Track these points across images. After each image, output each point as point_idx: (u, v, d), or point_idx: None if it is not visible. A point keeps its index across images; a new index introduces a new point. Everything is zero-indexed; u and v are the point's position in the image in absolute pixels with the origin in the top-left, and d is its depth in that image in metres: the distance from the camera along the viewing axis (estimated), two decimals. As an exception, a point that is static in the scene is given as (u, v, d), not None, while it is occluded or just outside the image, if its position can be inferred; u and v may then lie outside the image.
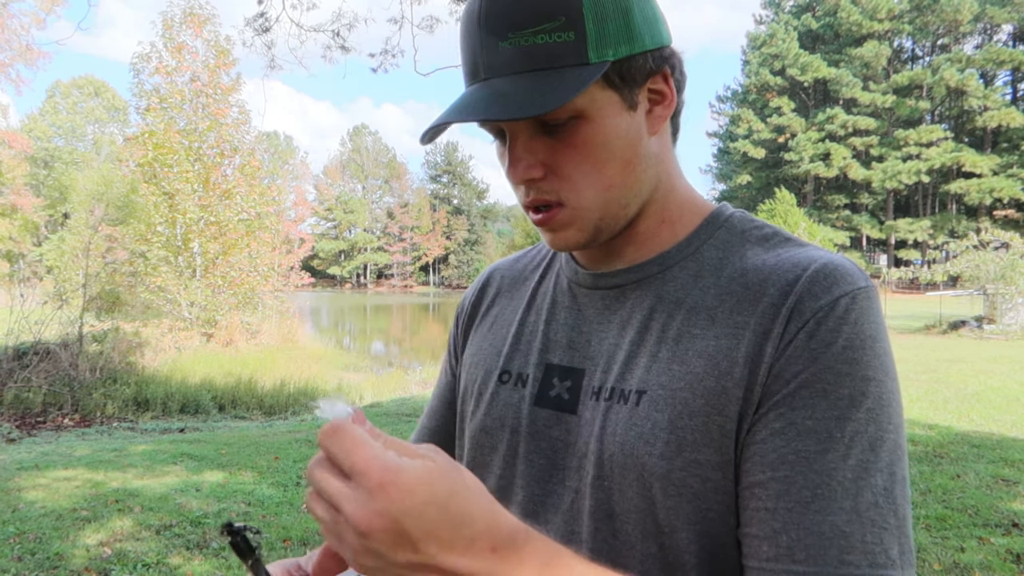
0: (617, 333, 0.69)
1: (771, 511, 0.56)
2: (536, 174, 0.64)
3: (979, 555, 3.66)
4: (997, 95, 49.41)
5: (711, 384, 0.60)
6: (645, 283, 0.69)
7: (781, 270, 0.62)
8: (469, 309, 0.87)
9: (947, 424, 7.15)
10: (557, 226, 0.66)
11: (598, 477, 0.64)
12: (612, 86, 0.63)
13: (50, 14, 20.78)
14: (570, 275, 0.76)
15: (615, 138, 0.64)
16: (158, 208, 14.52)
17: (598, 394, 0.67)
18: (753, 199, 53.73)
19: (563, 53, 0.60)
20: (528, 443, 0.70)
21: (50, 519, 4.20)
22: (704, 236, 0.70)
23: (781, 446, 0.57)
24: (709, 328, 0.63)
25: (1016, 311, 18.08)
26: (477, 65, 0.63)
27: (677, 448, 0.60)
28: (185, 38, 15.80)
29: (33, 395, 8.75)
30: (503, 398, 0.74)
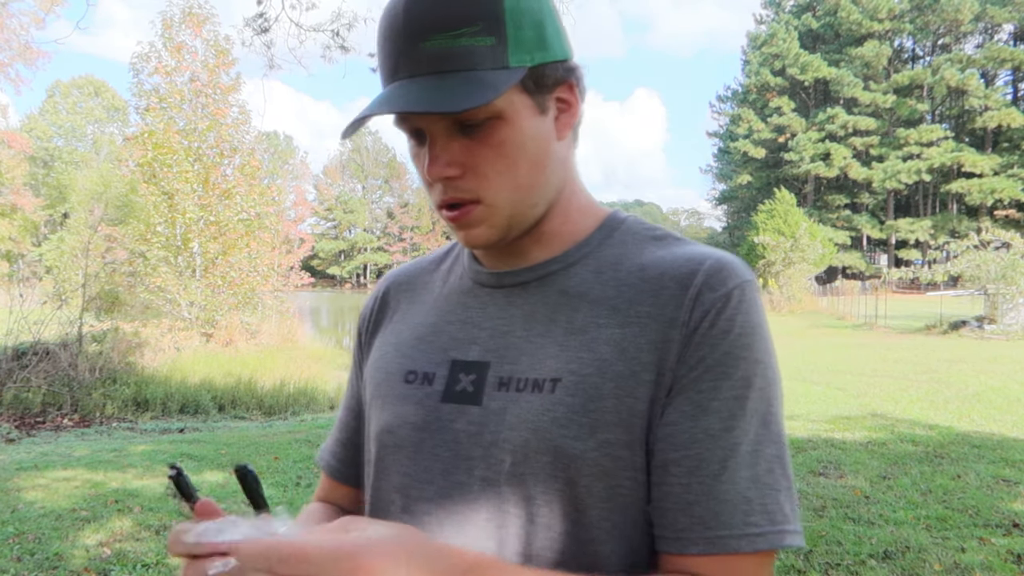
0: (523, 326, 0.72)
1: (685, 486, 0.63)
2: (454, 172, 0.67)
3: (980, 555, 3.66)
4: (998, 95, 49.40)
5: (620, 368, 0.65)
6: (548, 280, 0.73)
7: (677, 265, 0.69)
8: (369, 320, 0.87)
9: (948, 424, 7.14)
10: (471, 223, 0.69)
11: (513, 463, 0.66)
12: (527, 90, 0.66)
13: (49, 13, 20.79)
14: (473, 276, 0.79)
15: (529, 139, 0.67)
16: (158, 208, 14.51)
17: (507, 385, 0.69)
18: (753, 199, 53.72)
19: (483, 56, 0.63)
20: (434, 438, 0.71)
21: (49, 519, 4.19)
22: (602, 236, 0.75)
23: (692, 427, 0.63)
24: (613, 318, 0.68)
25: (1017, 311, 18.07)
26: (398, 64, 0.65)
27: (591, 429, 0.64)
28: (184, 38, 15.79)
29: (32, 395, 8.74)
30: (407, 397, 0.74)
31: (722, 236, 66.29)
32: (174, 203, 14.51)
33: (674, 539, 0.63)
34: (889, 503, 4.57)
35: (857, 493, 4.78)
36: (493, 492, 0.67)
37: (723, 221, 69.28)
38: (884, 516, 4.31)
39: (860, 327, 22.62)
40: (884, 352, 14.63)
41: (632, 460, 0.64)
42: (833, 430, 6.91)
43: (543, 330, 0.70)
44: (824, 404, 8.55)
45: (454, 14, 0.62)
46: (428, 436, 0.71)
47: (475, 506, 0.67)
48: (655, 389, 0.64)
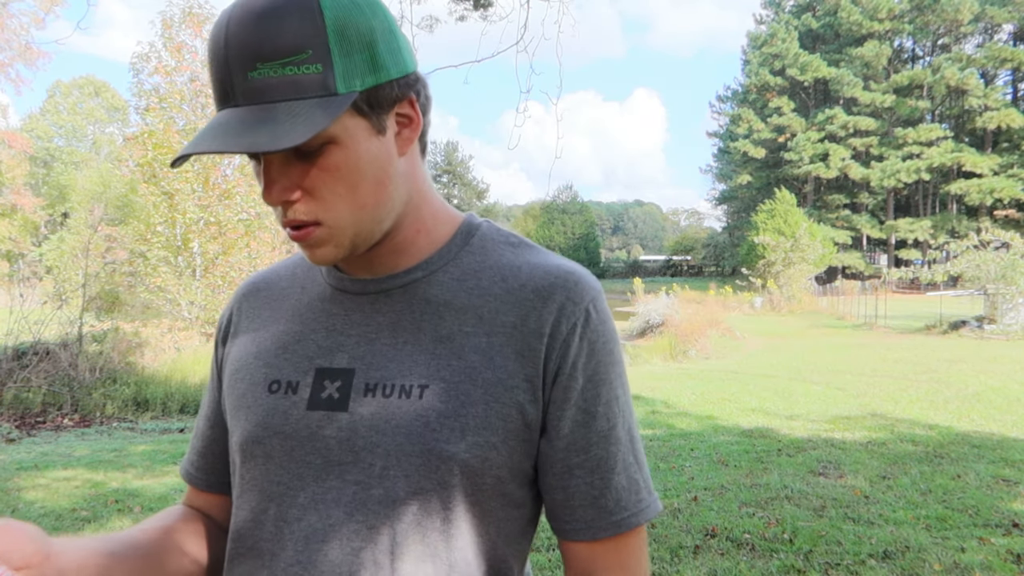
0: (389, 334, 0.73)
1: (589, 483, 0.72)
2: (291, 196, 0.67)
3: (979, 555, 3.66)
4: (998, 95, 49.37)
5: (488, 376, 0.70)
6: (411, 287, 0.75)
7: (536, 276, 0.74)
8: (226, 327, 0.86)
9: (947, 424, 7.15)
10: (314, 243, 0.69)
11: (385, 467, 0.69)
12: (361, 113, 0.66)
13: (49, 14, 20.79)
14: (334, 283, 0.79)
15: (366, 162, 0.67)
16: (157, 208, 14.51)
17: (374, 391, 0.71)
18: (753, 199, 53.74)
19: (311, 85, 0.63)
20: (304, 446, 0.72)
21: (49, 519, 4.20)
22: (460, 243, 0.78)
23: (586, 432, 0.72)
24: (479, 326, 0.72)
25: (1017, 311, 18.07)
26: (227, 92, 0.64)
27: (461, 433, 0.68)
28: (184, 38, 15.79)
29: (33, 395, 8.74)
30: (273, 407, 0.74)
31: (722, 236, 66.30)
32: (174, 203, 14.51)
33: (584, 529, 0.73)
34: (889, 503, 4.57)
35: (857, 493, 4.78)
36: (365, 495, 0.69)
37: (723, 221, 69.31)
38: (884, 516, 4.31)
39: (860, 327, 22.62)
40: (884, 352, 14.63)
41: (498, 459, 0.70)
42: (833, 430, 6.92)
43: (410, 338, 0.73)
44: (824, 404, 8.56)
45: (279, 44, 0.62)
46: (298, 444, 0.72)
47: (349, 509, 0.69)
48: (524, 394, 0.70)
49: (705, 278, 58.27)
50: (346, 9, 0.64)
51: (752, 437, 6.62)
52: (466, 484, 0.69)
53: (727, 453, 5.93)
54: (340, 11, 0.64)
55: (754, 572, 3.48)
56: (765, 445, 6.25)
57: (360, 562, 0.68)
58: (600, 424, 0.73)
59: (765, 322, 25.61)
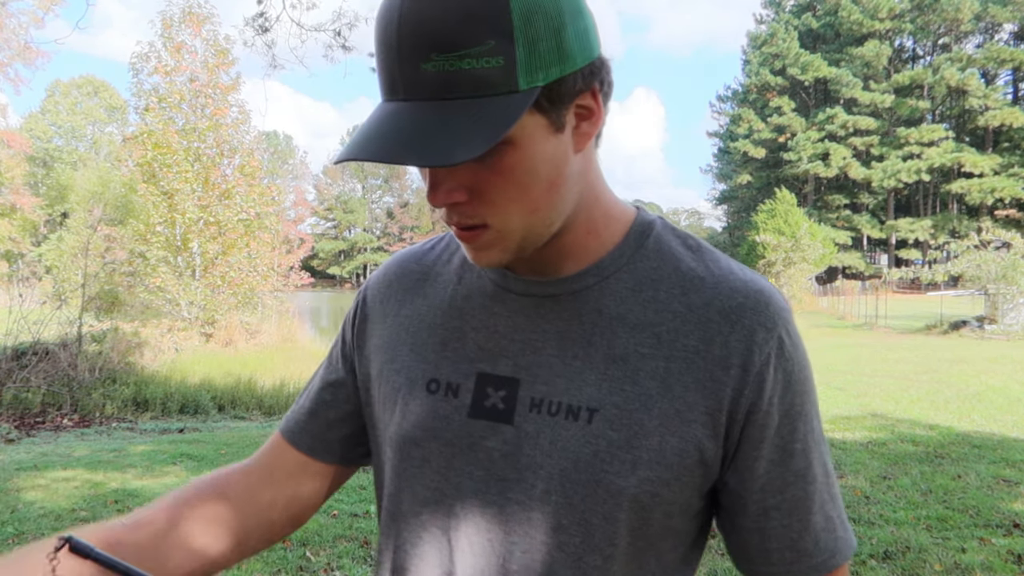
0: (556, 345, 0.68)
1: (786, 526, 0.68)
2: (459, 198, 0.61)
3: (980, 556, 3.65)
4: (998, 94, 49.39)
5: (665, 406, 0.64)
6: (582, 295, 0.69)
7: (722, 294, 0.67)
8: (372, 303, 0.81)
9: (948, 424, 7.14)
10: (481, 246, 0.64)
11: (547, 491, 0.65)
12: (540, 110, 0.59)
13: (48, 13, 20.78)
14: (497, 279, 0.73)
15: (541, 162, 0.61)
16: (157, 208, 14.51)
17: (539, 406, 0.67)
18: (753, 199, 53.74)
19: (491, 80, 0.55)
20: (465, 455, 0.68)
21: (49, 519, 4.19)
22: (634, 245, 0.71)
23: (783, 472, 0.67)
24: (657, 349, 0.66)
25: (1017, 311, 18.07)
26: (396, 83, 0.58)
27: (632, 466, 0.64)
28: (184, 37, 15.79)
29: (32, 395, 8.73)
30: (432, 408, 0.70)
31: (722, 236, 66.28)
32: (174, 203, 14.50)
33: (783, 573, 0.69)
34: (889, 503, 4.56)
35: (857, 493, 4.78)
36: (524, 516, 0.66)
37: (723, 221, 69.31)
38: (884, 516, 4.30)
39: (860, 327, 22.61)
40: (884, 352, 14.63)
41: (669, 496, 0.65)
42: (833, 430, 6.91)
43: (579, 352, 0.67)
44: (824, 404, 8.54)
45: (458, 31, 0.54)
46: (459, 452, 0.69)
47: (507, 528, 0.66)
48: (703, 429, 0.65)
49: (705, 278, 58.14)
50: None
51: (752, 437, 6.61)
52: (632, 519, 0.65)
53: (727, 453, 5.92)
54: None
55: (754, 573, 3.47)
56: (765, 445, 6.24)
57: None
58: (798, 462, 0.68)
59: (765, 322, 25.54)
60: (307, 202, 71.99)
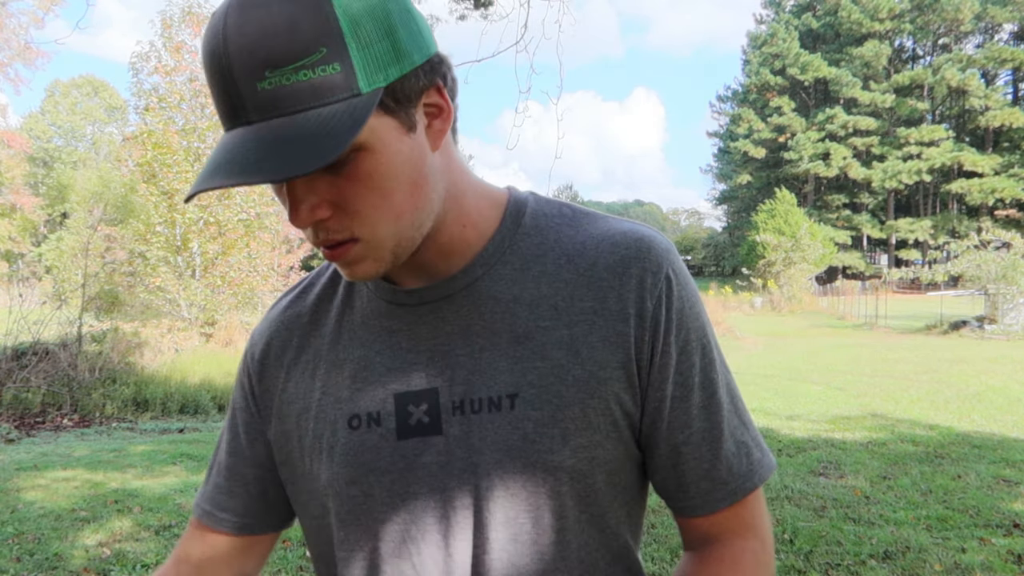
0: (463, 343, 0.67)
1: (698, 458, 0.69)
2: (323, 214, 0.59)
3: (980, 556, 3.65)
4: (998, 95, 49.39)
5: (578, 372, 0.65)
6: (474, 287, 0.68)
7: (604, 250, 0.68)
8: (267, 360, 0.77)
9: (948, 424, 7.14)
10: (352, 260, 0.62)
11: (488, 488, 0.65)
12: (388, 112, 0.58)
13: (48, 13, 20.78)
14: (385, 296, 0.71)
15: (399, 164, 0.59)
16: (157, 208, 14.50)
17: (461, 408, 0.66)
18: (753, 199, 53.75)
19: (331, 87, 0.54)
20: (405, 477, 0.67)
21: (49, 520, 4.19)
22: (512, 227, 0.70)
23: (686, 407, 0.68)
24: (557, 319, 0.66)
25: (1017, 311, 18.06)
26: (235, 108, 0.55)
27: (562, 439, 0.64)
28: (184, 37, 15.78)
29: (32, 395, 8.73)
30: (360, 443, 0.68)
31: (722, 236, 66.30)
32: (173, 203, 14.50)
33: (702, 503, 0.70)
34: (889, 503, 4.56)
35: (857, 493, 4.78)
36: (477, 520, 0.65)
37: (723, 221, 69.31)
38: (884, 516, 4.30)
39: (860, 327, 22.61)
40: (884, 352, 14.63)
41: (604, 457, 0.66)
42: (833, 430, 6.91)
43: (486, 343, 0.67)
44: (824, 404, 8.55)
45: (289, 45, 0.53)
46: (398, 477, 0.67)
47: (464, 535, 0.66)
48: (620, 383, 0.66)
49: (705, 278, 58.26)
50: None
51: (752, 437, 6.61)
52: (578, 488, 0.66)
53: (727, 453, 5.92)
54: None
55: (754, 573, 3.47)
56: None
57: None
58: (698, 395, 0.68)
59: (765, 322, 25.61)
60: (307, 202, 72.03)
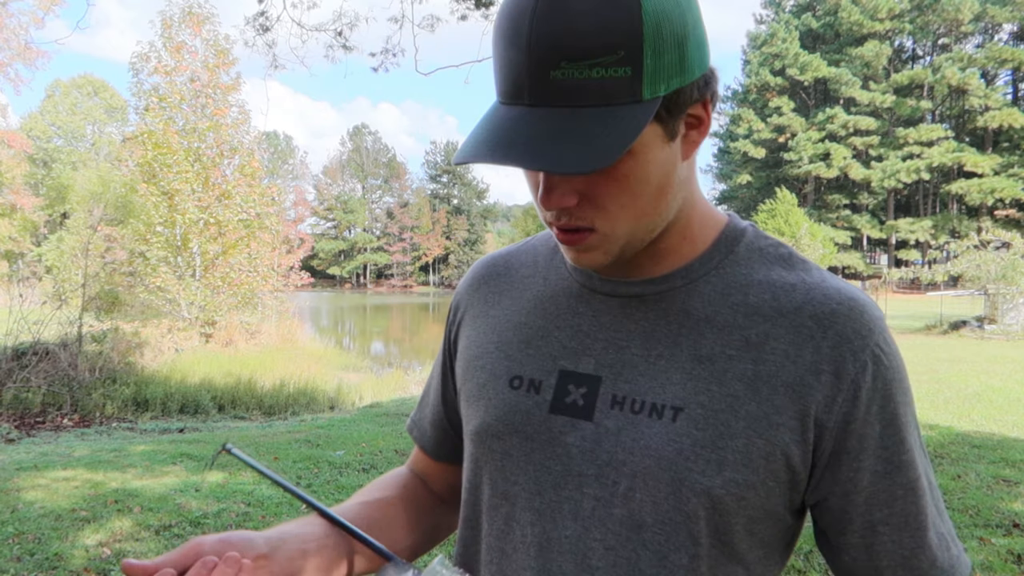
0: (641, 344, 0.68)
1: (897, 542, 0.66)
2: (571, 202, 0.62)
3: (980, 556, 3.65)
4: (998, 95, 49.39)
5: (752, 408, 0.63)
6: (669, 296, 0.69)
7: (814, 299, 0.66)
8: (464, 306, 0.84)
9: (948, 424, 7.14)
10: (584, 248, 0.65)
11: (630, 488, 0.65)
12: (658, 120, 0.60)
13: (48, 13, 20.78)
14: (582, 279, 0.74)
15: (654, 170, 0.62)
16: (157, 208, 14.50)
17: (621, 404, 0.67)
18: (753, 199, 53.73)
19: (617, 90, 0.56)
20: (544, 449, 0.69)
21: (49, 519, 4.19)
22: (724, 251, 0.71)
23: (889, 485, 0.65)
24: (745, 351, 0.65)
25: (1017, 311, 18.07)
26: (521, 87, 0.57)
27: (718, 467, 0.63)
28: (184, 37, 15.78)
29: (32, 395, 8.73)
30: (514, 403, 0.72)
31: (722, 236, 66.15)
32: (174, 203, 14.50)
33: None
34: (889, 503, 4.56)
35: (857, 493, 4.78)
36: (605, 512, 0.66)
37: (723, 221, 69.19)
38: (884, 516, 4.30)
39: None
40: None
41: (755, 500, 0.64)
42: (833, 430, 6.91)
43: (664, 352, 0.67)
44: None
45: (592, 41, 0.54)
46: (538, 447, 0.70)
47: (587, 524, 0.66)
48: (791, 435, 0.63)
49: (705, 278, 58.19)
50: (666, 1, 0.56)
51: (752, 437, 6.61)
52: (716, 521, 0.64)
53: (727, 453, 5.92)
54: (659, 4, 0.56)
55: (754, 572, 3.47)
56: (765, 445, 6.25)
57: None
58: (905, 475, 0.65)
59: (765, 322, 25.55)
60: (307, 202, 71.99)
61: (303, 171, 77.05)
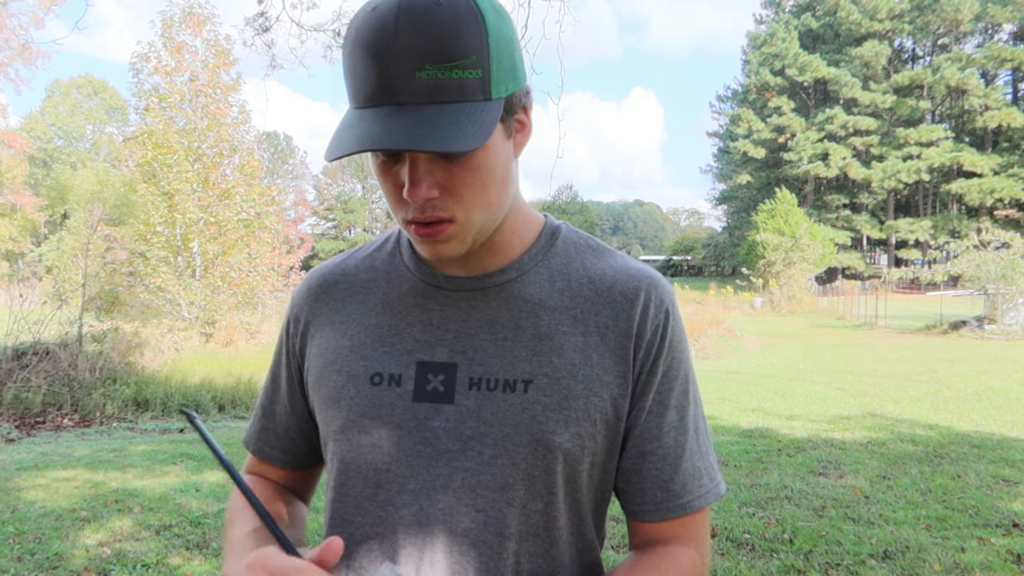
0: (488, 331, 0.78)
1: (659, 469, 0.79)
2: (434, 194, 0.69)
3: (979, 555, 3.66)
4: (998, 94, 49.34)
5: (587, 372, 0.76)
6: (507, 287, 0.80)
7: (622, 279, 0.80)
8: (305, 317, 0.88)
9: (947, 424, 7.15)
10: (443, 239, 0.72)
11: (493, 456, 0.74)
12: (500, 119, 0.69)
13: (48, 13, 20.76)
14: (427, 279, 0.82)
15: (499, 163, 0.72)
16: (157, 208, 14.50)
17: (478, 384, 0.76)
18: (753, 199, 53.73)
19: (472, 89, 0.66)
20: (413, 435, 0.76)
21: (49, 519, 4.19)
22: (546, 245, 0.83)
23: (659, 422, 0.79)
24: (574, 326, 0.78)
25: (1017, 311, 18.07)
26: (387, 89, 0.65)
27: (565, 424, 0.75)
28: (184, 37, 15.78)
29: (32, 395, 8.73)
30: (377, 398, 0.78)
31: (722, 236, 66.27)
32: (174, 203, 14.50)
33: (654, 510, 0.80)
34: (889, 503, 4.57)
35: (857, 493, 4.78)
36: (474, 480, 0.74)
37: (723, 221, 69.27)
38: (884, 516, 4.31)
39: (860, 327, 22.61)
40: (884, 352, 14.63)
41: (593, 448, 0.77)
42: (833, 430, 6.91)
43: (509, 335, 0.77)
44: (824, 404, 8.55)
45: (451, 48, 0.64)
46: (406, 434, 0.76)
47: (458, 494, 0.74)
48: (618, 389, 0.77)
49: (705, 278, 58.25)
50: (498, 17, 0.68)
51: (752, 437, 6.62)
52: (567, 470, 0.76)
53: (727, 453, 5.93)
54: (495, 19, 0.67)
55: (754, 572, 3.48)
56: (765, 445, 6.25)
57: (470, 542, 0.74)
58: (671, 415, 0.79)
59: (765, 322, 25.60)
60: (307, 202, 71.89)
61: (303, 171, 77.02)
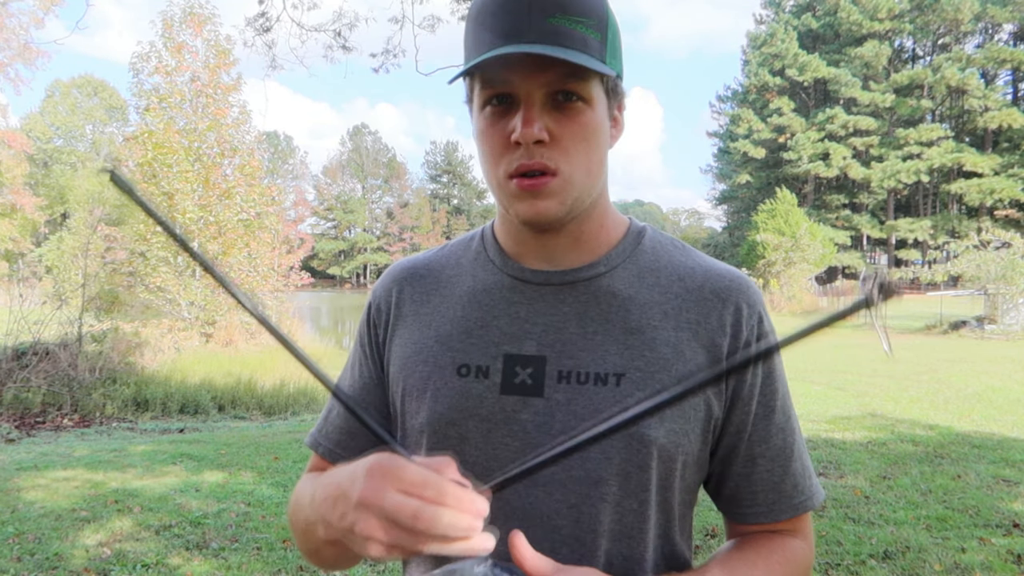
0: (577, 324, 0.77)
1: (770, 471, 0.80)
2: (544, 136, 0.71)
3: (980, 555, 3.66)
4: (998, 95, 49.33)
5: (680, 367, 0.75)
6: (595, 281, 0.79)
7: (712, 278, 0.80)
8: (389, 308, 0.86)
9: (948, 424, 7.14)
10: (545, 194, 0.72)
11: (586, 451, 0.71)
12: (606, 93, 0.74)
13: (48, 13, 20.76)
14: (513, 272, 0.82)
15: (601, 132, 0.74)
16: (157, 208, 14.50)
17: (568, 378, 0.75)
18: (753, 199, 53.70)
19: (594, 45, 0.71)
20: (501, 428, 0.75)
21: (49, 519, 4.19)
22: (633, 243, 0.83)
23: (767, 425, 0.79)
24: (665, 322, 0.77)
25: (1017, 311, 18.06)
26: (520, 30, 0.69)
27: (659, 420, 0.74)
28: (185, 38, 15.78)
29: (32, 395, 8.73)
30: (465, 390, 0.77)
31: (722, 236, 66.25)
32: (174, 203, 14.51)
33: (767, 512, 0.80)
34: (889, 503, 4.56)
35: (857, 493, 4.78)
36: (565, 475, 0.73)
37: (723, 221, 69.25)
38: (884, 516, 4.31)
39: (860, 327, 22.61)
40: (884, 352, 14.62)
41: (687, 445, 0.76)
42: (833, 430, 6.91)
43: (599, 328, 0.77)
44: (824, 404, 8.55)
45: (579, 4, 0.70)
46: (494, 427, 0.75)
47: (548, 489, 0.73)
48: (713, 387, 0.76)
49: (705, 278, 58.11)
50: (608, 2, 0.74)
51: (752, 437, 6.61)
52: (660, 467, 0.75)
53: (727, 453, 5.92)
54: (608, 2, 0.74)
55: (754, 572, 3.47)
56: (765, 445, 6.24)
57: (562, 539, 0.73)
58: (777, 418, 0.80)
59: (765, 322, 25.54)
60: (307, 202, 71.96)
61: (303, 171, 77.05)
